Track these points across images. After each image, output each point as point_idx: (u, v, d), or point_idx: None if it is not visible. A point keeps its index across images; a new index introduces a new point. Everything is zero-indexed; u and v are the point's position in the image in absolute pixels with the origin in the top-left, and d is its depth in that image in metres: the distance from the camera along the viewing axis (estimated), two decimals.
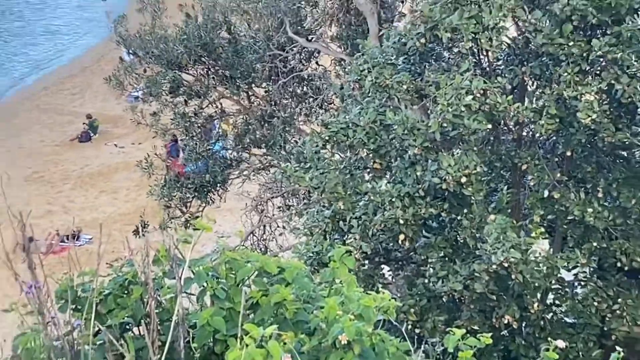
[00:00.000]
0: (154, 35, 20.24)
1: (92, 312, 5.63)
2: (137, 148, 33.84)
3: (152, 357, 5.14)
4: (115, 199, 38.49)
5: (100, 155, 42.18)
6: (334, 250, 6.23)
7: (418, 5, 18.31)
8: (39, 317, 5.84)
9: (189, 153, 21.60)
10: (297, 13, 20.16)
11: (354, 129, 15.38)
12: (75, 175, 41.02)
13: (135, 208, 33.20)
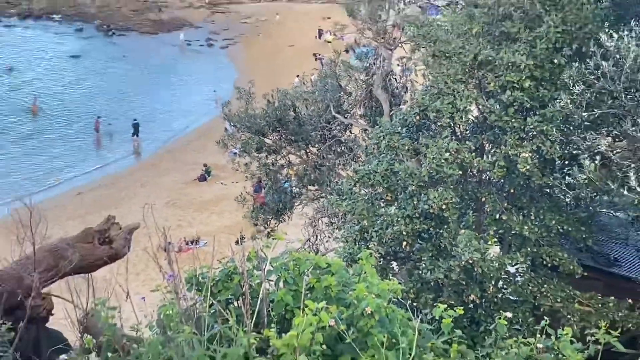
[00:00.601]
0: (247, 113, 20.65)
1: (208, 291, 5.96)
2: (235, 186, 34.39)
3: (247, 321, 5.46)
4: (221, 218, 39.05)
5: (211, 190, 42.85)
6: (361, 253, 6.55)
7: (415, 95, 18.58)
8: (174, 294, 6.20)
9: (268, 189, 21.84)
10: (338, 100, 20.45)
11: (374, 174, 15.70)
12: (196, 203, 41.63)
13: (235, 224, 33.57)
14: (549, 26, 14.99)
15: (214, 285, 6.12)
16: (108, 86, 62.62)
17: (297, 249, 16.31)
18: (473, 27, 15.40)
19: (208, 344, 5.26)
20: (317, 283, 5.88)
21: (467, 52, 15.14)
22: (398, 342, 5.32)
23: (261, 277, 5.99)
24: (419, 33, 15.90)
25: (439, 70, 15.57)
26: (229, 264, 6.34)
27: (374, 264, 6.45)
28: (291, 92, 21.49)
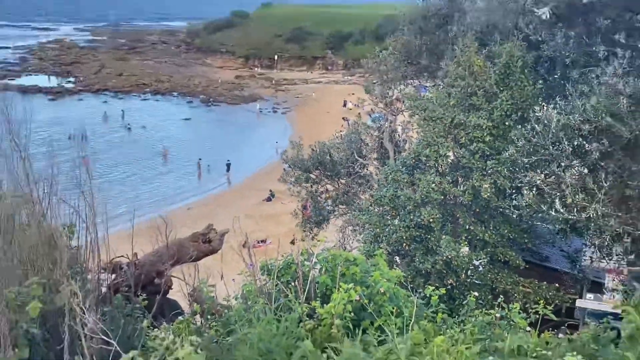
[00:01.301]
0: (298, 158, 20.65)
1: (274, 275, 5.95)
2: (290, 205, 34.44)
3: (300, 296, 5.46)
4: (281, 226, 38.92)
5: (274, 208, 42.96)
6: (377, 251, 6.54)
7: (411, 146, 18.55)
8: (253, 277, 6.21)
9: (312, 208, 21.83)
10: (359, 148, 20.42)
11: (384, 198, 15.64)
12: (264, 215, 41.68)
13: (290, 230, 33.43)
14: (502, 100, 14.95)
15: (279, 271, 6.11)
16: (208, 139, 63.36)
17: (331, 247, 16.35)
18: (450, 101, 15.39)
19: (275, 311, 5.28)
20: (347, 271, 5.86)
21: (446, 117, 15.13)
22: (402, 312, 5.33)
23: (310, 266, 6.02)
24: (414, 104, 15.93)
25: (427, 129, 15.57)
26: (288, 257, 6.35)
27: (384, 258, 6.45)
28: (328, 143, 21.52)
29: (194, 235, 11.15)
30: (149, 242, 10.76)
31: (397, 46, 20.29)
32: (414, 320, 5.20)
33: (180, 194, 47.40)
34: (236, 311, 5.77)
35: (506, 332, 6.10)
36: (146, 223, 9.56)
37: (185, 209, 42.74)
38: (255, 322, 4.99)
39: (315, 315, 5.24)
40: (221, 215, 41.28)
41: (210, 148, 59.47)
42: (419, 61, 20.12)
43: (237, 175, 52.55)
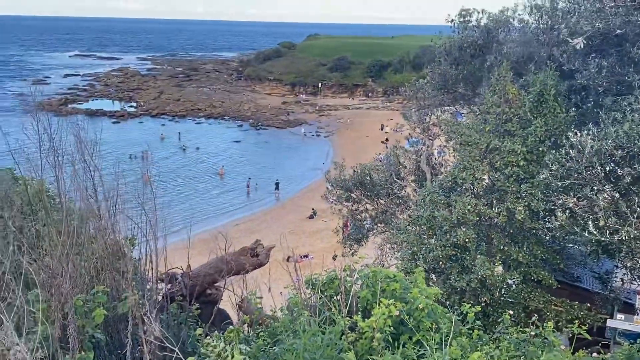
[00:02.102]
0: (340, 178, 20.65)
1: (318, 289, 5.95)
2: (331, 222, 34.32)
3: (343, 310, 5.42)
4: (322, 242, 38.93)
5: (317, 225, 42.93)
6: (416, 269, 6.46)
7: (448, 169, 18.35)
8: (299, 289, 6.19)
9: (352, 225, 21.75)
10: (398, 170, 20.30)
11: (421, 218, 15.42)
12: (307, 232, 41.76)
13: (330, 246, 33.44)
14: (536, 127, 14.67)
15: (322, 285, 6.11)
16: (257, 160, 64.10)
17: (370, 264, 16.20)
18: (486, 127, 15.18)
19: (319, 323, 5.25)
20: (387, 287, 5.79)
21: (482, 142, 14.91)
22: (439, 328, 5.25)
23: (352, 282, 5.99)
24: (451, 130, 15.78)
25: (463, 153, 15.35)
26: (331, 272, 6.33)
27: (423, 276, 6.38)
28: (368, 165, 21.48)
29: (243, 249, 11.22)
30: (201, 254, 10.90)
31: (434, 76, 20.21)
32: (452, 336, 5.12)
33: (229, 210, 47.92)
34: (282, 322, 5.77)
35: (541, 350, 5.94)
36: (198, 236, 9.74)
37: (233, 225, 43.16)
38: (300, 333, 4.97)
39: (357, 328, 5.20)
40: (266, 230, 41.52)
41: (258, 168, 60.12)
42: (455, 89, 19.97)
43: (282, 193, 52.90)
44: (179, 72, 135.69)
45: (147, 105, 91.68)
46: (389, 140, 63.26)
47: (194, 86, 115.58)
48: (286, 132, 79.60)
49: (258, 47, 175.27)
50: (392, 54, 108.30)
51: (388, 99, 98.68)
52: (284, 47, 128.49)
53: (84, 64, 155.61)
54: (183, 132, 74.11)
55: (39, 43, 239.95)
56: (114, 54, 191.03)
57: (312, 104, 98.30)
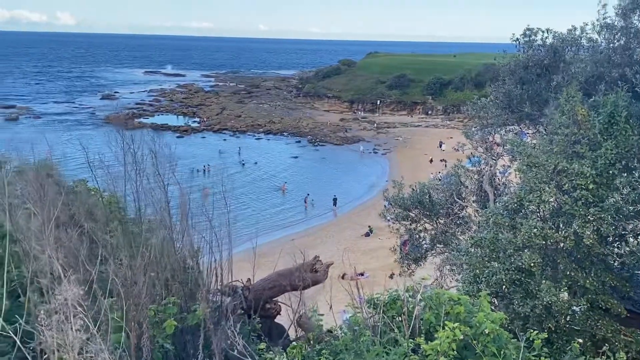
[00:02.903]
0: (399, 196, 20.50)
1: (380, 309, 5.92)
2: (387, 241, 33.92)
3: (406, 331, 5.36)
4: (378, 261, 38.52)
5: (373, 243, 42.62)
6: (481, 293, 6.31)
7: (512, 190, 17.89)
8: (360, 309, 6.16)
9: (410, 245, 21.52)
10: (459, 190, 19.99)
11: (484, 240, 15.04)
12: (362, 250, 41.53)
13: (386, 265, 33.17)
14: (606, 149, 14.14)
15: (384, 305, 6.05)
16: (314, 176, 64.59)
17: (429, 284, 15.91)
18: (554, 148, 14.73)
19: (382, 344, 5.21)
20: (451, 310, 5.70)
21: (549, 163, 14.46)
22: (505, 354, 5.13)
23: (414, 303, 5.90)
24: (517, 150, 15.41)
25: (530, 174, 14.93)
26: (393, 292, 6.27)
27: (488, 300, 6.24)
28: (427, 183, 21.23)
29: (301, 265, 11.27)
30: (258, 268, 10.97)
31: (498, 94, 19.85)
32: None
33: (285, 225, 48.34)
34: (343, 341, 5.74)
35: None
36: (252, 251, 9.80)
37: (289, 240, 43.44)
38: (364, 353, 4.94)
39: (420, 351, 5.13)
40: (321, 247, 41.59)
41: (315, 184, 60.48)
42: (520, 109, 19.52)
43: (338, 210, 52.96)
44: (241, 89, 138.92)
45: (209, 120, 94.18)
46: (446, 160, 62.45)
47: (255, 103, 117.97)
48: (344, 148, 79.85)
49: (318, 65, 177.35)
50: (453, 72, 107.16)
51: (448, 117, 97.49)
52: (343, 65, 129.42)
53: (150, 80, 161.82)
54: (243, 147, 75.62)
55: (111, 60, 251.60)
56: (180, 71, 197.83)
57: (370, 121, 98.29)
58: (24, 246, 4.48)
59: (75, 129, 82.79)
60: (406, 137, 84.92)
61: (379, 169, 68.15)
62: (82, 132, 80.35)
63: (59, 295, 2.83)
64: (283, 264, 11.64)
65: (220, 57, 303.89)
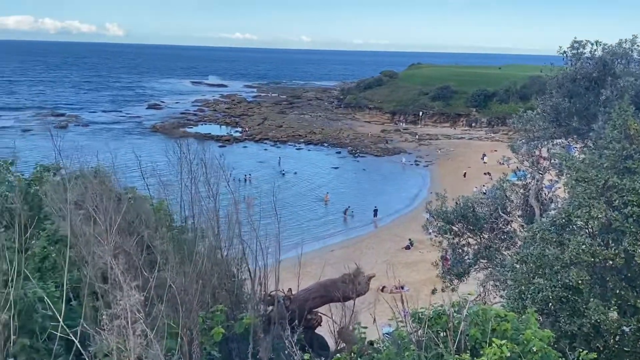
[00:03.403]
0: (442, 209, 20.29)
1: (425, 324, 5.86)
2: (428, 254, 33.48)
3: (450, 345, 5.31)
4: (418, 274, 38.05)
5: (413, 256, 42.18)
6: (528, 310, 6.22)
7: (560, 205, 17.49)
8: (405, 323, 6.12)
9: (452, 259, 21.24)
10: (503, 204, 19.67)
11: (530, 256, 14.72)
12: (403, 263, 41.07)
13: (427, 279, 32.75)
14: None
15: (429, 320, 6.01)
16: (354, 186, 64.59)
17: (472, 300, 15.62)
18: (604, 162, 14.38)
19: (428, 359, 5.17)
20: (497, 326, 5.64)
21: (599, 179, 14.10)
22: None
23: (460, 318, 5.85)
24: (565, 164, 15.09)
25: (578, 189, 14.58)
26: (439, 307, 6.22)
27: (535, 317, 6.15)
28: (471, 197, 20.96)
29: (343, 276, 11.25)
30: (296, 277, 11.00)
31: (545, 107, 19.50)
32: None
33: (324, 236, 48.36)
34: (387, 354, 5.72)
35: None
36: (293, 260, 9.82)
37: (329, 250, 43.43)
38: None
39: None
40: (361, 258, 41.35)
41: (355, 195, 60.42)
42: (568, 122, 19.11)
43: (378, 221, 52.71)
44: (283, 100, 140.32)
45: (251, 130, 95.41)
46: (490, 173, 61.47)
47: (296, 113, 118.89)
48: (384, 160, 79.57)
49: (360, 76, 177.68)
50: (498, 84, 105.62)
51: (492, 130, 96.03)
52: (385, 76, 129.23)
53: (195, 90, 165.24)
54: (283, 157, 76.21)
55: (157, 70, 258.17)
56: (224, 81, 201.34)
57: (412, 132, 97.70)
58: (80, 251, 4.62)
59: (123, 138, 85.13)
60: (448, 149, 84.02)
61: (420, 180, 67.58)
62: (129, 141, 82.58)
63: (120, 300, 2.93)
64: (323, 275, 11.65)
65: (263, 68, 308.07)
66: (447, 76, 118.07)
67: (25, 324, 4.27)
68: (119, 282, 3.20)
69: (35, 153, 58.67)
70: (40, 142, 65.86)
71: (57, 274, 5.56)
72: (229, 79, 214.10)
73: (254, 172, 64.56)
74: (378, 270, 38.93)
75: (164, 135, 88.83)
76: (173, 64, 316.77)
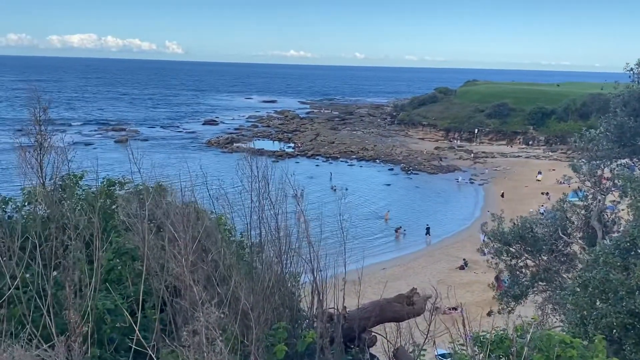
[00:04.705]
0: (499, 230, 19.90)
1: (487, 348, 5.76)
2: (484, 275, 32.74)
3: None
4: (473, 295, 37.24)
5: (468, 276, 41.32)
6: (596, 337, 6.03)
7: (621, 227, 16.86)
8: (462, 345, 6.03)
9: (510, 282, 20.77)
10: (564, 226, 19.11)
11: (593, 280, 14.18)
12: (457, 283, 40.23)
13: (481, 300, 32.00)
14: None
15: (491, 344, 5.92)
16: (407, 204, 63.97)
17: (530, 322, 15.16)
18: None
19: None
20: (562, 353, 5.49)
21: None
22: None
23: (523, 343, 5.74)
24: (630, 186, 14.56)
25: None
26: (501, 331, 6.12)
27: (604, 345, 5.95)
28: (530, 218, 20.49)
29: (399, 296, 11.17)
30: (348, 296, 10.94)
31: (609, 127, 18.91)
32: None
33: (377, 253, 47.97)
34: None
35: None
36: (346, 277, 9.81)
37: (380, 269, 43.07)
38: None
39: None
40: (413, 277, 40.79)
41: (407, 213, 59.83)
42: (634, 142, 18.45)
43: (432, 240, 52.02)
44: (335, 116, 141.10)
45: (304, 146, 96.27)
46: (548, 193, 59.72)
47: (348, 129, 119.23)
48: (438, 177, 78.57)
49: (414, 93, 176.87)
50: (556, 102, 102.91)
51: (550, 148, 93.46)
52: (439, 93, 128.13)
53: (249, 107, 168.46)
54: (335, 173, 76.43)
55: (214, 87, 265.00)
56: (277, 98, 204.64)
57: (466, 150, 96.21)
58: (150, 264, 4.80)
59: (180, 152, 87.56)
60: (505, 168, 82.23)
61: (475, 199, 66.34)
62: (186, 154, 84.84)
63: (200, 317, 3.04)
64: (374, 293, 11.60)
65: (317, 84, 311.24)
66: (504, 93, 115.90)
67: (95, 335, 4.46)
68: (198, 298, 3.32)
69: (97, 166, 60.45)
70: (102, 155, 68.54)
71: (121, 285, 5.78)
72: (282, 95, 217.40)
73: (307, 188, 65.00)
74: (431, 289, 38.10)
75: (219, 150, 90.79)
76: (229, 81, 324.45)
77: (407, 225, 54.69)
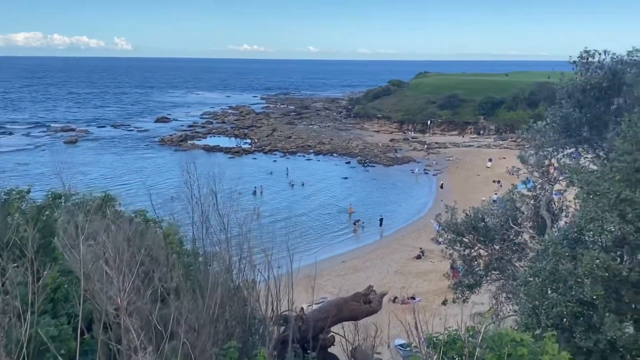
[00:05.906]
0: (452, 221, 20.14)
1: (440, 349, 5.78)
2: (440, 263, 33.22)
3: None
4: (429, 284, 37.69)
5: (424, 266, 41.73)
6: (546, 334, 6.14)
7: (571, 217, 17.32)
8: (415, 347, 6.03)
9: (464, 271, 21.08)
10: (514, 215, 19.49)
11: (544, 271, 14.53)
12: (413, 273, 40.77)
13: (437, 289, 32.49)
14: None
15: (444, 345, 5.95)
16: (364, 196, 64.35)
17: (484, 312, 15.38)
18: (616, 175, 14.22)
19: None
20: (513, 351, 5.57)
21: (612, 192, 13.95)
22: None
23: (475, 343, 5.78)
24: (577, 178, 14.94)
25: (590, 203, 14.42)
26: (453, 332, 6.15)
27: (554, 341, 6.06)
28: (481, 208, 20.78)
29: (355, 295, 11.16)
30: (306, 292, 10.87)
31: (555, 118, 19.35)
32: None
33: (335, 246, 48.12)
34: None
35: None
36: (302, 272, 9.69)
37: (340, 262, 43.19)
38: None
39: None
40: (371, 269, 41.14)
41: (365, 205, 60.19)
42: (579, 133, 18.95)
43: (388, 231, 52.42)
44: (291, 110, 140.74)
45: (260, 142, 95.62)
46: (500, 181, 61.13)
47: (305, 124, 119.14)
48: (394, 169, 79.42)
49: (368, 86, 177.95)
50: (505, 91, 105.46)
51: (500, 137, 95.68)
52: (393, 85, 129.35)
53: (202, 103, 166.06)
54: (293, 168, 76.21)
55: (164, 84, 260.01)
56: (232, 93, 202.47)
57: (420, 141, 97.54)
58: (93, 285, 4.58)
59: (132, 152, 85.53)
60: (457, 157, 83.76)
61: (430, 189, 67.36)
62: (138, 154, 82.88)
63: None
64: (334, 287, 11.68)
65: (271, 79, 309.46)
66: (455, 84, 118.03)
67: None
68: (134, 343, 3.16)
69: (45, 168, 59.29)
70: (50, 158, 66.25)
71: (69, 304, 5.53)
72: (236, 91, 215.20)
73: (264, 183, 64.72)
74: (389, 280, 38.64)
75: (172, 148, 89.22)
76: (180, 77, 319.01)
77: (365, 217, 55.01)
